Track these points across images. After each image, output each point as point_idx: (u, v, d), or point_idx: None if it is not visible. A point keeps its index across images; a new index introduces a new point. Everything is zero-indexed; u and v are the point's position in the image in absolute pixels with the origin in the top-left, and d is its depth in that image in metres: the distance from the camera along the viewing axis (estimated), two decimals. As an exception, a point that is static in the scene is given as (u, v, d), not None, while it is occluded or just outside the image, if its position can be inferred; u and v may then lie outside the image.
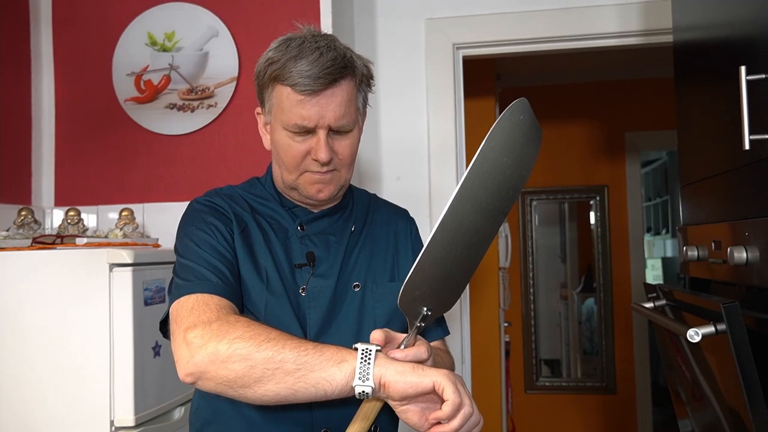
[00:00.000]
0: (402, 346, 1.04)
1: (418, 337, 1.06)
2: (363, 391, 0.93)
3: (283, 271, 1.19)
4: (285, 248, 1.21)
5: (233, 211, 1.20)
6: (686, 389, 1.51)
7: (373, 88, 1.25)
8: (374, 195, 1.43)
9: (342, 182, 1.22)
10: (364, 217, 1.32)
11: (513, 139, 1.12)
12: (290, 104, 1.14)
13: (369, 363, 0.94)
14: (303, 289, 1.19)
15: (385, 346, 1.01)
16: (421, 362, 0.99)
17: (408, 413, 0.97)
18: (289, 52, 1.13)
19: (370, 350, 0.95)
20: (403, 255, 1.32)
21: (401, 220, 1.38)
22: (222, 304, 1.05)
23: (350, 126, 1.18)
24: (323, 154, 1.14)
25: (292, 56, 1.12)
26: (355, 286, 1.23)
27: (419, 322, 1.05)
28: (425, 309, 1.06)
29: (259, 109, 1.25)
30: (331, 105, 1.13)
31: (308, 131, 1.15)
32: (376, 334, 1.01)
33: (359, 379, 0.93)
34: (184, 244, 1.16)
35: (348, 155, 1.19)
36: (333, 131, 1.16)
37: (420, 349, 1.02)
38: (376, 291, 1.25)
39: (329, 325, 1.19)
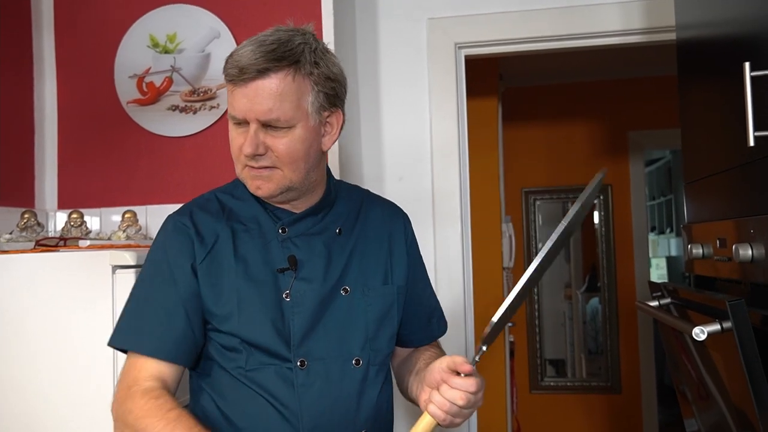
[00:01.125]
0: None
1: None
2: None
3: (263, 278, 1.16)
4: (266, 252, 1.18)
5: (204, 228, 1.18)
6: (692, 388, 1.50)
7: (337, 89, 1.19)
8: (367, 191, 1.38)
9: (286, 182, 1.15)
10: (355, 216, 1.28)
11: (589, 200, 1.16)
12: (229, 95, 1.15)
13: None
14: (286, 294, 1.15)
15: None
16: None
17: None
18: (243, 43, 1.13)
19: None
20: (397, 257, 1.29)
21: (396, 220, 1.33)
22: (150, 376, 1.12)
23: (284, 122, 1.12)
24: (247, 147, 1.12)
25: (240, 47, 1.13)
26: (343, 290, 1.20)
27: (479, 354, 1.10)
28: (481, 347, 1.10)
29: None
30: (258, 98, 1.10)
31: (244, 123, 1.13)
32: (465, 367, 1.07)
33: None
34: (142, 275, 1.19)
35: (284, 153, 1.13)
36: (267, 125, 1.12)
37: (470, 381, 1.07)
38: (367, 294, 1.21)
39: (314, 331, 1.16)
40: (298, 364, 1.14)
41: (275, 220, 1.20)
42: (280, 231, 1.19)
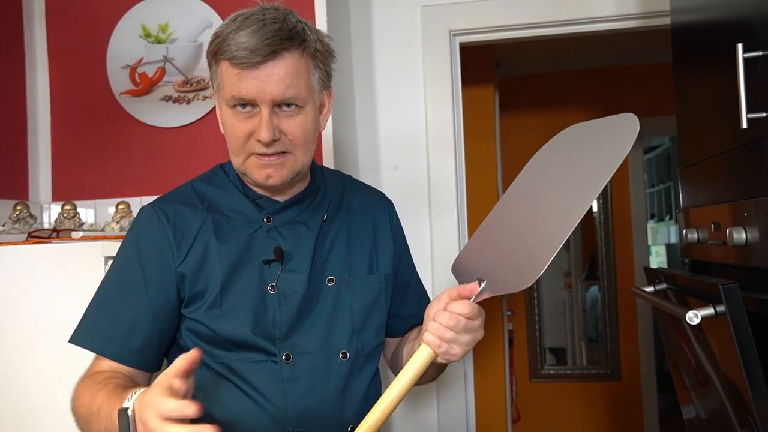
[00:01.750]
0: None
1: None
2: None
3: (247, 270, 1.12)
4: (250, 243, 1.13)
5: (183, 224, 1.13)
6: (690, 374, 1.49)
7: (334, 65, 1.17)
8: (349, 177, 1.34)
9: (298, 167, 1.12)
10: (338, 203, 1.24)
11: (592, 143, 1.06)
12: (229, 78, 1.07)
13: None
14: (272, 286, 1.12)
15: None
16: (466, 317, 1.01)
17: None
18: (232, 25, 1.07)
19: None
20: (383, 245, 1.25)
21: (379, 206, 1.30)
22: (105, 371, 1.10)
23: (299, 101, 1.08)
24: (265, 133, 1.05)
25: (234, 29, 1.06)
26: (329, 281, 1.16)
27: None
28: (476, 278, 1.02)
29: (211, 91, 1.18)
30: (272, 78, 1.04)
31: (251, 106, 1.07)
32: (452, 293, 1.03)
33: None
34: (110, 271, 1.16)
35: (299, 135, 1.09)
36: (279, 108, 1.08)
37: (464, 304, 1.02)
38: (353, 284, 1.18)
39: (300, 324, 1.13)
40: (284, 358, 1.11)
41: (259, 209, 1.16)
42: (265, 220, 1.15)
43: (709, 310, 1.10)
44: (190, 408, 0.82)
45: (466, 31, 2.27)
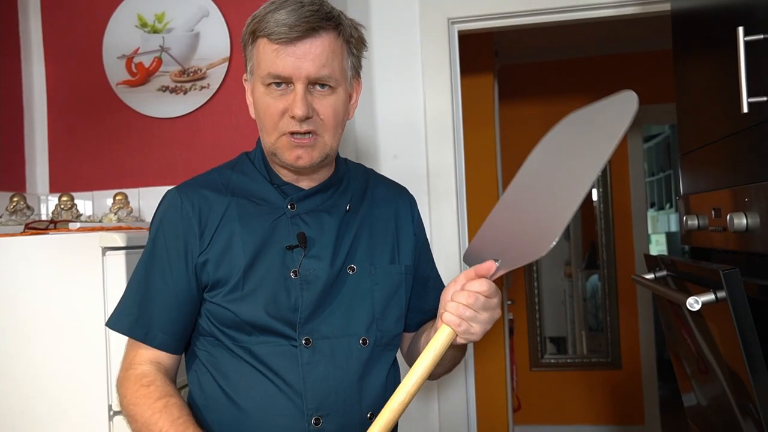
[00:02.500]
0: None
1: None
2: None
3: (270, 255, 1.13)
4: (274, 229, 1.15)
5: (208, 208, 1.15)
6: (691, 362, 1.49)
7: (365, 54, 1.19)
8: (371, 170, 1.35)
9: (327, 150, 1.13)
10: (361, 195, 1.26)
11: (593, 123, 1.08)
12: (266, 55, 1.09)
13: None
14: (294, 272, 1.13)
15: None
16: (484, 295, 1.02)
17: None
18: (270, 6, 1.09)
19: None
20: (404, 236, 1.26)
21: (402, 199, 1.31)
22: (146, 360, 1.15)
23: (333, 81, 1.10)
24: (299, 109, 1.07)
25: (273, 9, 1.08)
26: (350, 269, 1.17)
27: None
28: (491, 260, 1.04)
29: (245, 76, 1.20)
30: (309, 55, 1.07)
31: (285, 84, 1.09)
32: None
33: None
34: (143, 255, 1.18)
35: (330, 116, 1.11)
36: (313, 86, 1.10)
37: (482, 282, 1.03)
38: (374, 274, 1.19)
39: (321, 310, 1.14)
40: (303, 342, 1.11)
41: (283, 195, 1.17)
42: (289, 207, 1.17)
43: (710, 296, 1.09)
44: None
45: (464, 18, 2.26)
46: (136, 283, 1.17)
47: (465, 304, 1.02)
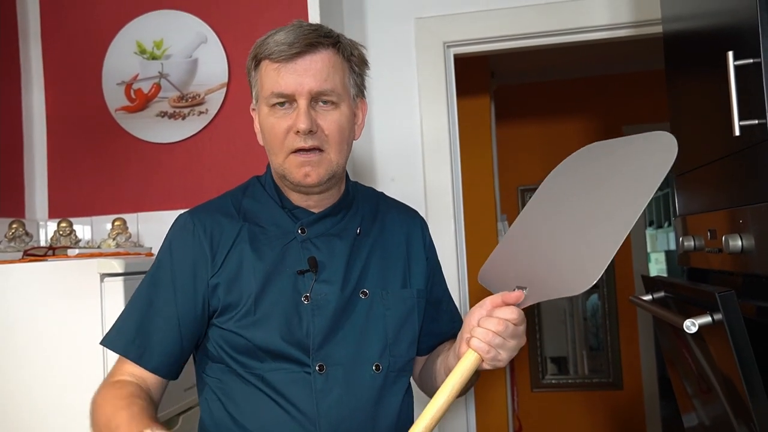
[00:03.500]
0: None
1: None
2: None
3: (281, 280, 1.13)
4: (284, 254, 1.15)
5: (220, 233, 1.16)
6: (691, 382, 1.49)
7: (368, 73, 1.22)
8: (382, 194, 1.35)
9: (333, 167, 1.14)
10: (372, 218, 1.25)
11: (623, 159, 1.09)
12: (268, 76, 1.12)
13: None
14: (306, 297, 1.12)
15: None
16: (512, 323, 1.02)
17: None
18: (271, 31, 1.13)
19: None
20: (415, 260, 1.26)
21: (413, 223, 1.31)
22: (129, 374, 1.13)
23: (335, 96, 1.12)
24: (303, 122, 1.09)
25: (273, 33, 1.12)
26: (362, 293, 1.17)
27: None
28: (515, 286, 1.04)
29: (252, 105, 1.21)
30: (310, 71, 1.10)
31: (289, 103, 1.11)
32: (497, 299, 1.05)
33: None
34: (146, 276, 1.18)
35: (335, 132, 1.12)
36: (316, 102, 1.12)
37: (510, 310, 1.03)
38: (386, 298, 1.18)
39: (334, 335, 1.13)
40: (317, 368, 1.10)
41: (294, 220, 1.18)
42: (299, 231, 1.16)
43: (707, 319, 1.10)
44: None
45: (459, 42, 2.28)
46: (136, 304, 1.16)
47: (495, 331, 1.01)
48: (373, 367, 1.14)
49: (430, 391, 1.29)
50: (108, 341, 1.16)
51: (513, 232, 1.15)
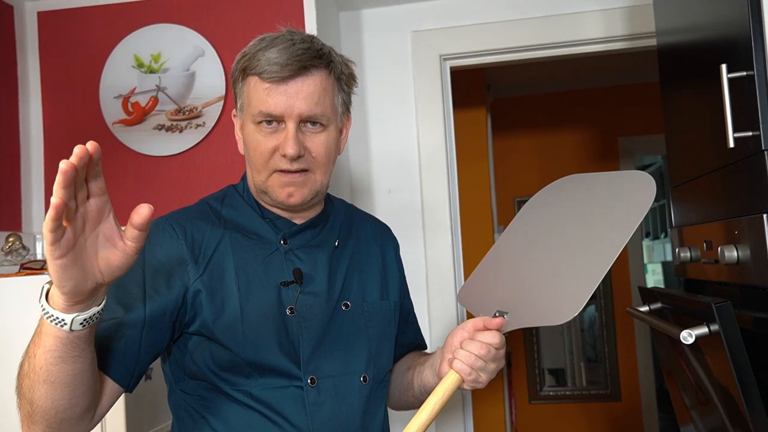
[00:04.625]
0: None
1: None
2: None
3: (265, 291, 1.10)
4: (267, 265, 1.12)
5: (200, 239, 1.09)
6: (689, 393, 1.49)
7: (356, 90, 1.20)
8: (353, 206, 1.35)
9: (317, 187, 1.12)
10: (347, 230, 1.25)
11: (603, 195, 1.13)
12: (257, 94, 1.08)
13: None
14: (291, 309, 1.10)
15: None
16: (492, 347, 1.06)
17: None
18: (261, 44, 1.09)
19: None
20: (390, 274, 1.27)
21: (387, 237, 1.33)
22: None
23: (324, 119, 1.10)
24: (291, 148, 1.06)
25: (263, 47, 1.08)
26: (344, 305, 1.16)
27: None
28: (496, 311, 1.08)
29: (234, 111, 1.19)
30: (301, 94, 1.07)
31: (276, 122, 1.08)
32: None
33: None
34: (117, 282, 1.05)
35: (322, 154, 1.10)
36: (305, 124, 1.09)
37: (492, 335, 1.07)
38: (367, 310, 1.18)
39: (322, 347, 1.11)
40: (309, 381, 1.09)
41: (275, 230, 1.15)
42: (281, 242, 1.14)
43: (703, 329, 1.10)
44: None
45: (456, 55, 2.30)
46: (109, 300, 1.02)
47: (477, 354, 1.05)
48: (361, 379, 1.14)
49: (396, 402, 1.32)
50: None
51: (494, 253, 1.18)
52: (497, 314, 1.08)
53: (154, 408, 1.58)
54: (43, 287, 0.88)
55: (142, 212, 0.84)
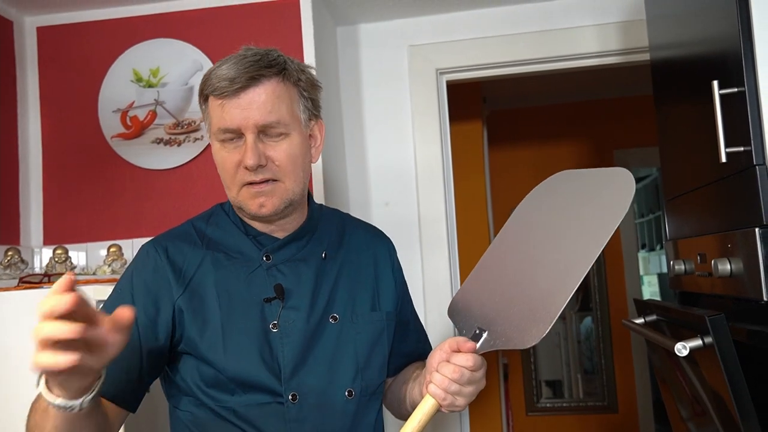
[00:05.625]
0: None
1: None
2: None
3: (248, 309, 1.11)
4: (250, 282, 1.13)
5: (182, 261, 1.13)
6: (685, 405, 1.50)
7: (322, 97, 1.20)
8: (347, 215, 1.35)
9: (289, 195, 1.12)
10: (338, 241, 1.25)
11: (586, 194, 1.10)
12: (214, 111, 1.10)
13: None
14: (274, 324, 1.11)
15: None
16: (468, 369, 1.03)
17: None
18: (216, 64, 1.11)
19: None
20: (384, 282, 1.26)
21: (380, 244, 1.31)
22: None
23: (282, 126, 1.10)
24: (250, 158, 1.07)
25: (217, 66, 1.10)
26: (332, 318, 1.16)
27: (471, 338, 1.04)
28: (476, 327, 1.04)
29: (208, 135, 1.19)
30: (253, 104, 1.07)
31: (237, 137, 1.09)
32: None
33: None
34: (107, 303, 1.12)
35: (286, 161, 1.10)
36: (264, 134, 1.09)
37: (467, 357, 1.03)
38: (356, 321, 1.18)
39: (304, 362, 1.11)
40: (290, 398, 1.09)
41: (258, 246, 1.16)
42: (264, 258, 1.15)
43: (698, 342, 1.11)
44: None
45: (452, 69, 2.32)
46: None
47: (451, 378, 1.02)
48: (346, 393, 1.14)
49: (397, 413, 1.31)
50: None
51: (482, 263, 1.14)
52: (477, 331, 1.05)
53: (152, 422, 1.58)
54: (39, 377, 0.88)
55: (124, 316, 0.83)
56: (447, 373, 1.02)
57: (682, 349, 1.11)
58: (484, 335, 1.03)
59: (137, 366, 1.08)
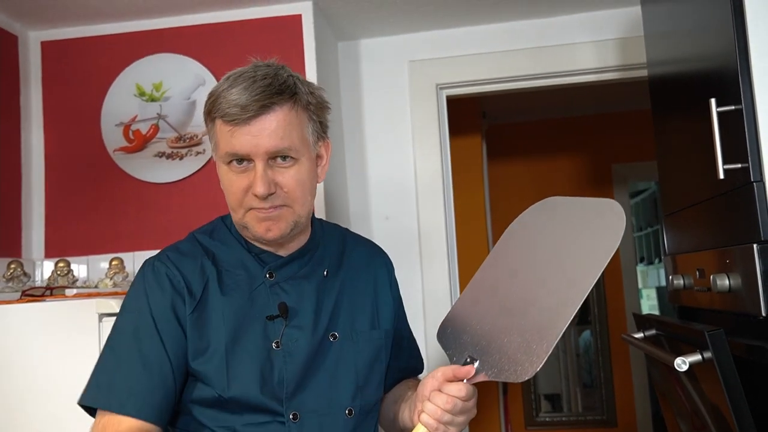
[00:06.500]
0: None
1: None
2: None
3: (251, 326, 1.10)
4: (253, 300, 1.12)
5: (191, 277, 1.12)
6: (685, 419, 1.50)
7: (329, 117, 1.18)
8: (347, 230, 1.34)
9: (295, 218, 1.11)
10: (338, 258, 1.24)
11: (578, 224, 1.09)
12: (223, 135, 1.07)
13: None
14: (277, 343, 1.10)
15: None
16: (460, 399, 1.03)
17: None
18: (224, 84, 1.08)
19: None
20: (383, 301, 1.26)
21: (379, 262, 1.31)
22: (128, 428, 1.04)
23: (293, 153, 1.08)
24: (260, 188, 1.05)
25: (225, 87, 1.07)
26: (332, 336, 1.15)
27: (462, 364, 1.05)
28: (468, 355, 1.04)
29: (212, 147, 1.17)
30: (265, 132, 1.05)
31: (246, 161, 1.07)
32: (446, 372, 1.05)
33: None
34: (121, 326, 1.11)
35: (295, 188, 1.09)
36: (274, 160, 1.08)
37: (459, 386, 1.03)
38: (356, 340, 1.17)
39: (306, 381, 1.11)
40: (291, 417, 1.08)
41: (261, 264, 1.15)
42: (267, 276, 1.14)
43: (697, 357, 1.12)
44: None
45: (452, 84, 2.34)
46: (121, 354, 1.08)
47: (443, 408, 1.02)
48: (346, 412, 1.13)
49: (387, 428, 1.31)
50: (93, 399, 1.08)
51: (473, 285, 1.13)
52: (468, 360, 1.04)
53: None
54: None
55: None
56: (440, 403, 1.02)
57: (681, 364, 1.12)
58: (476, 365, 1.03)
59: (172, 384, 1.07)
